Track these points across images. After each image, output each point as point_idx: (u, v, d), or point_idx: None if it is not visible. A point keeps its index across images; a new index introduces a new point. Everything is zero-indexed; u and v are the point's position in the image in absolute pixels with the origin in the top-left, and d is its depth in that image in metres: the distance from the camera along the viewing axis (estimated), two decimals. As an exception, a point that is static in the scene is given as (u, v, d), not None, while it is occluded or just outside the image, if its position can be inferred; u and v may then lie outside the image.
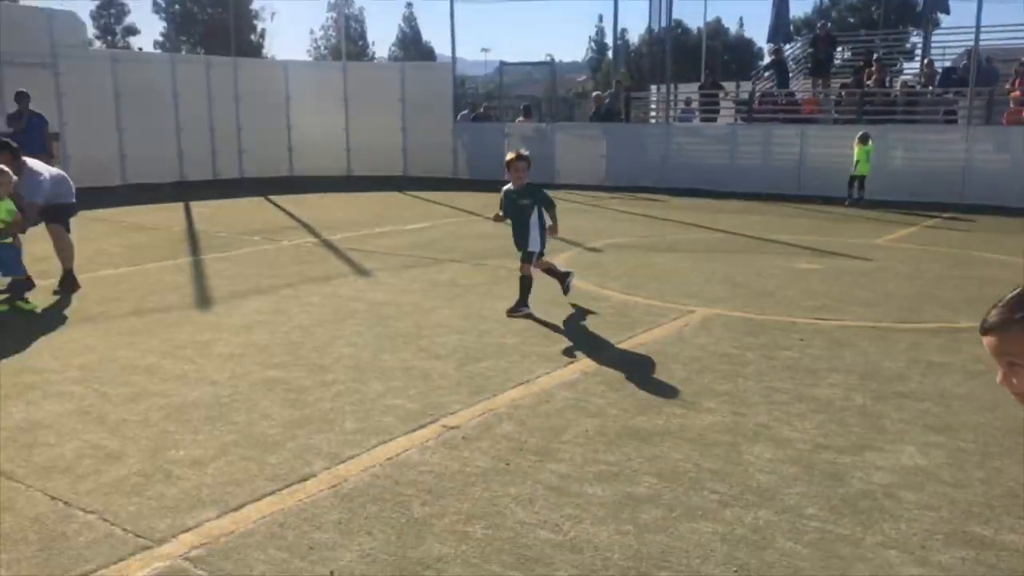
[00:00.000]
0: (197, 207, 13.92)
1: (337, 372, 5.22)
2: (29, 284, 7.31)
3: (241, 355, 5.55)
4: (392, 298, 7.19)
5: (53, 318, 6.58)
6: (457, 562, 3.09)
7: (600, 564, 3.07)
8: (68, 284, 7.43)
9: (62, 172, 7.96)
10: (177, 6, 41.89)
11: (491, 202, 14.96)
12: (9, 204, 6.68)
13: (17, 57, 15.64)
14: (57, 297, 7.22)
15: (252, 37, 43.70)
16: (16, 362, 5.36)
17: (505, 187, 6.68)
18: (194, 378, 5.09)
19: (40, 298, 7.12)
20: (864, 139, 14.87)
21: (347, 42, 25.50)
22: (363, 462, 3.95)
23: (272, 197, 15.42)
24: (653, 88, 23.32)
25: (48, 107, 15.74)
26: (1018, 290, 1.63)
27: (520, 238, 6.65)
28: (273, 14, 42.86)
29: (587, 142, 19.00)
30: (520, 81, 23.79)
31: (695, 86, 22.65)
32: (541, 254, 6.71)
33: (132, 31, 50.18)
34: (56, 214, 7.46)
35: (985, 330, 1.66)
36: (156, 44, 42.67)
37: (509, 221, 6.74)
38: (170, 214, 13.05)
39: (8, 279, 6.84)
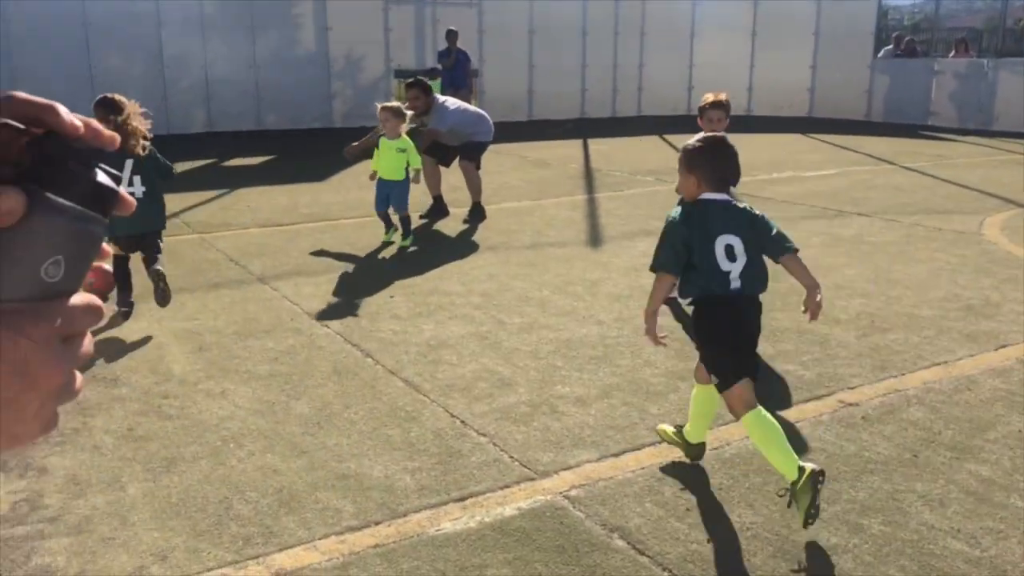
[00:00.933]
0: (595, 144, 14.32)
1: (724, 325, 4.98)
2: (443, 212, 8.02)
3: (628, 296, 5.54)
4: (788, 250, 6.72)
5: (462, 246, 7.14)
6: (848, 555, 2.76)
7: (1031, 599, 2.54)
8: (476, 214, 8.02)
9: (482, 112, 8.53)
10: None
11: (910, 148, 13.48)
12: (404, 143, 6.88)
13: (450, -2, 17.17)
14: (466, 226, 7.83)
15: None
16: (429, 284, 5.88)
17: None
18: (582, 315, 5.18)
19: (452, 226, 7.78)
20: None
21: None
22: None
23: (667, 136, 15.36)
24: None
25: (470, 45, 17.15)
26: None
27: None
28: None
29: (1041, 82, 16.18)
30: (956, 11, 20.77)
31: None
32: None
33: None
34: (470, 152, 8.04)
35: None
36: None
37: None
38: (569, 151, 13.57)
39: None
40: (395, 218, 7.02)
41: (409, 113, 7.14)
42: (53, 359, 0.52)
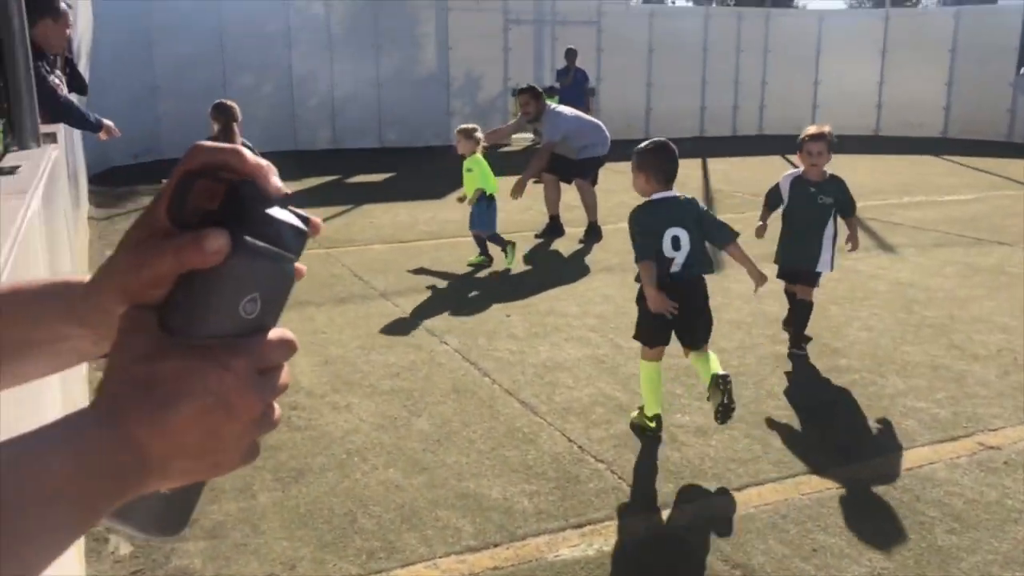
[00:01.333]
0: (714, 164, 14.08)
1: (851, 358, 4.80)
2: (559, 232, 8.02)
3: (750, 324, 5.41)
4: (919, 280, 6.42)
5: (578, 266, 7.12)
6: (988, 612, 2.61)
7: None
8: (593, 235, 7.99)
9: (598, 122, 8.40)
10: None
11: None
12: (472, 162, 6.89)
13: (570, 16, 17.24)
14: (582, 246, 7.81)
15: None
16: (545, 304, 5.90)
17: (791, 173, 5.00)
18: (703, 341, 5.07)
19: (568, 246, 7.79)
20: None
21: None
22: (876, 467, 3.56)
23: (789, 156, 14.95)
24: None
25: (589, 62, 17.19)
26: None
27: (805, 250, 4.82)
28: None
29: None
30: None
31: None
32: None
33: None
34: (584, 169, 7.97)
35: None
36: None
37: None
38: (687, 170, 13.35)
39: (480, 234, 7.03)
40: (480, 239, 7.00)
41: (481, 136, 7.01)
42: (253, 390, 0.55)
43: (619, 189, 10.75)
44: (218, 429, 0.54)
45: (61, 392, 2.28)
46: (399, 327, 5.33)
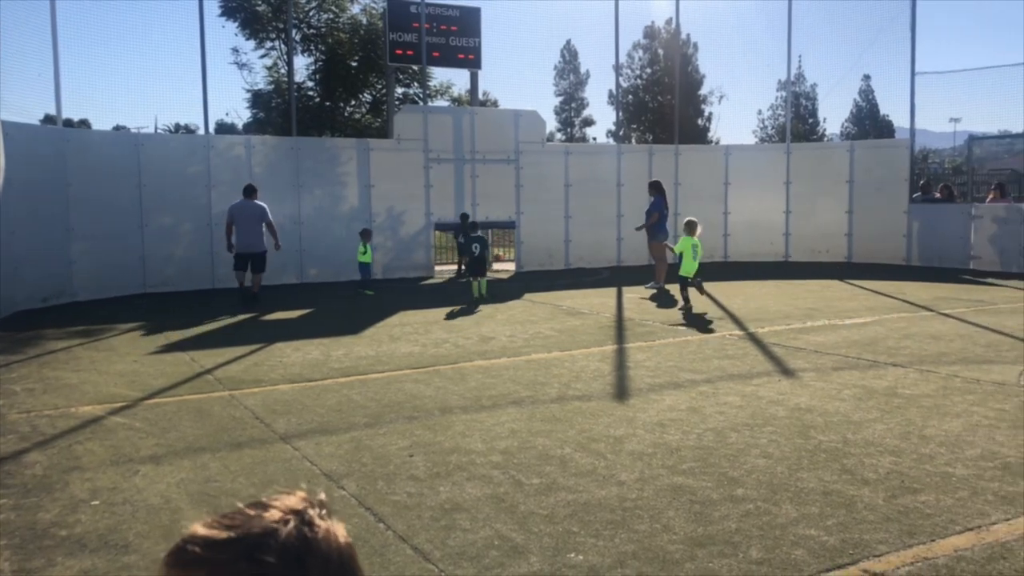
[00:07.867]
0: (629, 292, 14.42)
1: (748, 487, 4.83)
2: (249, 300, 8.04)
3: (651, 455, 5.43)
4: (817, 404, 6.57)
5: (487, 400, 7.07)
6: None
7: None
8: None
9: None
10: (630, 96, 45.07)
11: (949, 294, 13.30)
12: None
13: (489, 154, 17.86)
14: (491, 379, 7.80)
15: (699, 121, 45.17)
16: (451, 441, 5.83)
17: None
18: (603, 475, 5.07)
19: (477, 379, 7.78)
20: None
21: (795, 121, 24.94)
22: (766, 602, 3.52)
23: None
24: None
25: (508, 199, 17.80)
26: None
27: None
28: (721, 97, 43.54)
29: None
30: (997, 153, 20.61)
31: None
32: None
33: (589, 122, 55.25)
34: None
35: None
36: (609, 133, 46.05)
37: None
38: (604, 299, 13.66)
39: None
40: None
41: None
42: None
43: (536, 320, 10.88)
44: None
45: None
46: (296, 473, 5.19)
